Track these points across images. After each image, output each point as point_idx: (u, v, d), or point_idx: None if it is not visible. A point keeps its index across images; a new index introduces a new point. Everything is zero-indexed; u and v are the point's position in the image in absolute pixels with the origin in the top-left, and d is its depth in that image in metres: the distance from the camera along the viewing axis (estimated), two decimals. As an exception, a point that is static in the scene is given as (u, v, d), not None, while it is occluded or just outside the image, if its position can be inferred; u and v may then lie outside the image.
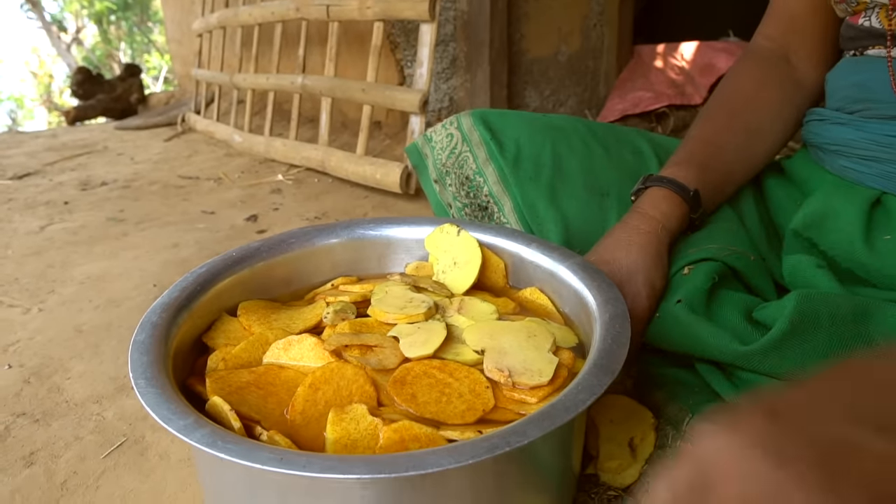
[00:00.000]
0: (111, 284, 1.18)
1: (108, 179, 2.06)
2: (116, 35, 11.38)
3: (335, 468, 0.39)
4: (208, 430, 0.43)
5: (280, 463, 0.40)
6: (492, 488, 0.45)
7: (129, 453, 0.71)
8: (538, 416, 0.43)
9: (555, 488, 0.51)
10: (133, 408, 0.79)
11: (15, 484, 0.67)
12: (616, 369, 0.48)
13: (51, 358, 0.93)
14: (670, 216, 0.68)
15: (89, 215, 1.66)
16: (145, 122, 3.13)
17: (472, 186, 0.81)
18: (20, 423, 0.78)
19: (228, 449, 0.41)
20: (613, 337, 0.52)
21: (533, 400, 0.51)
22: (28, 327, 1.02)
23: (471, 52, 1.95)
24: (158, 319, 0.57)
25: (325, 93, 1.91)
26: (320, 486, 0.42)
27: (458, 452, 0.40)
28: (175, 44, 3.96)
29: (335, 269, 0.73)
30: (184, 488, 0.66)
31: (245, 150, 2.32)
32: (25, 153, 2.58)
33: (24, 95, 11.64)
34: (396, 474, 0.39)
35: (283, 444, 0.46)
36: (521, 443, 0.41)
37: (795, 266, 0.63)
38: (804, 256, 0.63)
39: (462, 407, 0.50)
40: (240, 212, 1.62)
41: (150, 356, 0.52)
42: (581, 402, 0.44)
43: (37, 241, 1.47)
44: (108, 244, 1.42)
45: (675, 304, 0.62)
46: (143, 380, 0.49)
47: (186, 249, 1.35)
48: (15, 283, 1.21)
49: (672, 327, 0.62)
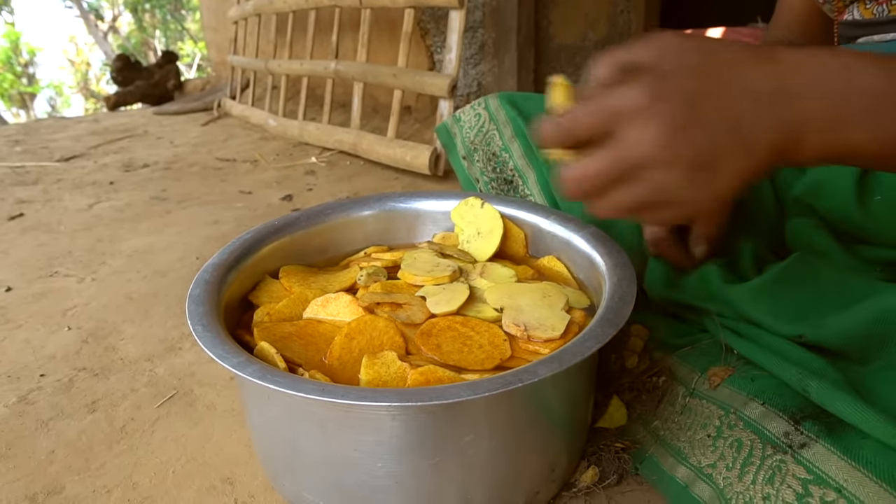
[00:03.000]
0: (157, 257, 1.26)
1: (149, 161, 2.15)
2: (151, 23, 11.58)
3: (368, 397, 0.45)
4: (259, 366, 0.49)
5: (322, 392, 0.46)
6: (506, 421, 0.51)
7: (180, 404, 0.78)
8: (548, 359, 0.48)
9: (565, 430, 0.57)
10: (181, 365, 0.87)
11: (81, 426, 0.75)
12: (620, 323, 0.53)
13: (105, 321, 1.00)
14: None
15: (133, 194, 1.74)
16: (182, 107, 3.22)
17: (499, 162, 0.87)
18: (81, 376, 0.85)
19: (277, 381, 0.47)
20: (620, 296, 0.57)
21: (545, 351, 0.56)
22: (83, 294, 1.10)
23: (499, 38, 1.99)
24: (210, 277, 0.63)
25: (358, 78, 1.97)
26: (355, 416, 0.48)
27: (476, 386, 0.45)
28: (210, 31, 4.05)
29: (368, 239, 0.79)
30: (229, 434, 0.72)
31: (279, 133, 2.39)
32: (70, 137, 2.69)
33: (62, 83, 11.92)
34: (422, 403, 0.44)
35: (323, 381, 0.52)
36: (532, 380, 0.46)
37: (796, 228, 0.68)
38: (804, 219, 0.67)
39: (482, 356, 0.56)
40: (275, 192, 1.69)
41: (204, 307, 0.58)
42: (587, 348, 0.50)
43: (86, 217, 1.56)
44: (152, 221, 1.50)
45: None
46: (199, 326, 0.55)
47: (226, 226, 1.43)
48: (69, 256, 1.30)
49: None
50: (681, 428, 0.60)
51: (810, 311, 0.57)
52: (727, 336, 0.64)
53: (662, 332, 0.73)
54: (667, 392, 0.67)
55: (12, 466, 0.69)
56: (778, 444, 0.49)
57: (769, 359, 0.56)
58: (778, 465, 0.48)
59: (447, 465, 0.50)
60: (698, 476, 0.54)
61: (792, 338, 0.56)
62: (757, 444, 0.51)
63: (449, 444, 0.49)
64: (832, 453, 0.45)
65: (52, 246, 1.36)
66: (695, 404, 0.61)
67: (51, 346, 0.93)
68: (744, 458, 0.51)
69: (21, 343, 0.95)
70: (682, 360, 0.68)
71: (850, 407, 0.46)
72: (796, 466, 0.47)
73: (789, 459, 0.48)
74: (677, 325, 0.73)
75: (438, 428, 0.49)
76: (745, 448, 0.52)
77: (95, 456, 0.70)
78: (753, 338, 0.62)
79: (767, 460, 0.49)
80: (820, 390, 0.49)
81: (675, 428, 0.61)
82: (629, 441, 0.65)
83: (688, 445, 0.58)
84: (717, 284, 0.63)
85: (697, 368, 0.64)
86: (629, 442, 0.65)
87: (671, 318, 0.75)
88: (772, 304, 0.59)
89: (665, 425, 0.62)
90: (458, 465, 0.50)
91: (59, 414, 0.77)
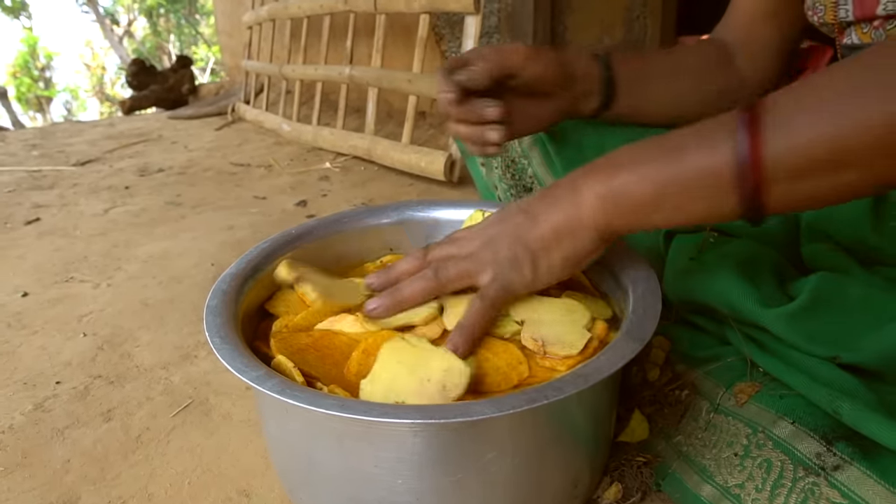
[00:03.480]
0: (172, 263, 1.26)
1: (164, 166, 2.15)
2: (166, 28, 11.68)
3: (390, 413, 0.44)
4: (278, 381, 0.48)
5: (341, 408, 0.45)
6: (529, 438, 0.50)
7: (196, 413, 0.78)
8: (573, 376, 0.47)
9: (588, 446, 0.56)
10: (197, 373, 0.86)
11: (96, 435, 0.74)
12: (646, 338, 0.52)
13: (121, 328, 1.00)
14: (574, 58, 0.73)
15: (149, 199, 1.75)
16: (197, 111, 3.24)
17: (518, 169, 0.86)
18: (97, 384, 0.85)
19: (296, 396, 0.46)
20: (644, 309, 0.56)
21: (562, 368, 0.55)
22: (99, 300, 1.10)
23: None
24: (228, 287, 0.63)
25: (372, 83, 1.97)
26: (375, 432, 0.48)
27: (501, 403, 0.44)
28: (225, 36, 4.07)
29: (385, 248, 0.78)
30: (245, 445, 0.72)
31: (294, 138, 2.39)
32: (86, 141, 2.70)
33: (78, 87, 12.03)
34: (445, 420, 0.43)
35: (343, 396, 0.51)
36: (557, 397, 0.45)
37: (815, 251, 0.66)
38: (820, 244, 0.66)
39: (498, 378, 0.55)
40: (290, 197, 1.69)
41: (222, 318, 0.57)
42: (612, 364, 0.49)
43: (102, 222, 1.56)
44: (167, 226, 1.50)
45: (690, 260, 0.67)
46: (217, 338, 0.54)
47: (241, 231, 1.42)
48: (85, 261, 1.30)
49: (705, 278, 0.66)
50: (705, 445, 0.59)
51: (843, 332, 0.55)
52: (751, 350, 0.63)
53: (684, 344, 0.71)
54: (690, 406, 0.65)
55: (28, 476, 0.69)
56: (810, 465, 0.48)
57: (796, 377, 0.55)
58: (811, 487, 0.47)
59: (469, 481, 0.49)
60: (724, 496, 0.53)
61: (826, 358, 0.55)
62: (787, 465, 0.50)
63: (471, 461, 0.48)
64: (868, 477, 0.44)
65: (68, 251, 1.36)
66: (720, 421, 0.60)
67: (66, 353, 0.93)
68: (774, 479, 0.50)
69: (37, 349, 0.95)
70: (706, 374, 0.66)
71: (886, 429, 0.44)
72: (830, 490, 0.45)
73: (822, 482, 0.46)
74: (699, 337, 0.72)
75: (461, 445, 0.48)
76: (774, 469, 0.50)
77: (111, 465, 0.69)
78: (779, 353, 0.60)
79: (799, 482, 0.48)
80: (853, 412, 0.47)
81: (700, 444, 0.59)
82: (651, 455, 0.64)
83: (713, 463, 0.56)
84: (751, 308, 0.61)
85: (722, 383, 0.63)
86: (651, 456, 0.64)
87: (692, 329, 0.73)
88: (808, 328, 0.57)
89: (688, 441, 0.61)
90: (479, 482, 0.49)
91: (75, 422, 0.77)
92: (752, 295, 0.61)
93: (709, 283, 0.66)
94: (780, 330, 0.59)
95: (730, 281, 0.64)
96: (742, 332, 0.64)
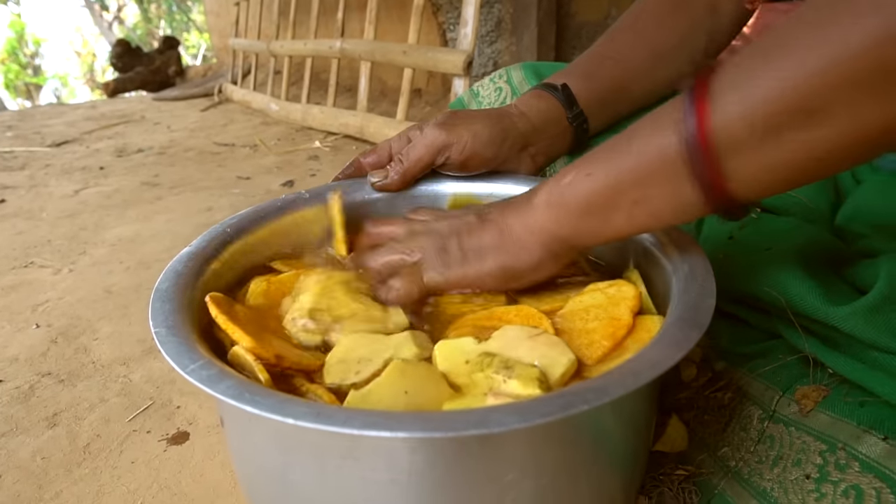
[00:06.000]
0: (142, 247, 1.15)
1: (143, 147, 2.04)
2: (157, 13, 11.50)
3: (379, 424, 0.33)
4: (234, 381, 0.37)
5: (315, 418, 0.33)
6: (558, 454, 0.39)
7: (156, 417, 0.67)
8: (620, 372, 0.36)
9: (627, 462, 0.45)
10: (161, 371, 0.75)
11: (37, 445, 0.63)
12: (704, 324, 0.41)
13: (79, 318, 0.89)
14: (533, 106, 0.65)
15: (124, 180, 1.63)
16: (182, 92, 3.12)
17: None
18: (45, 382, 0.74)
19: (256, 402, 0.35)
20: (698, 289, 0.45)
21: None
22: (58, 287, 0.99)
23: (517, 13, 1.86)
24: (183, 268, 0.52)
25: (365, 56, 1.85)
26: (363, 447, 0.37)
27: (526, 410, 0.33)
28: (213, 16, 3.94)
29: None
30: (211, 456, 0.61)
31: (282, 118, 2.28)
32: (65, 123, 2.58)
33: (68, 74, 11.85)
34: (454, 433, 0.32)
35: (328, 401, 0.40)
36: (601, 401, 0.34)
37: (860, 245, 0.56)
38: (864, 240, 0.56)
39: None
40: (276, 177, 1.58)
41: (172, 304, 0.47)
42: (668, 357, 0.38)
43: (71, 204, 1.45)
44: (141, 208, 1.39)
45: (728, 239, 0.57)
46: (163, 328, 0.43)
47: (220, 213, 1.32)
48: (47, 245, 1.18)
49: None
50: (762, 461, 0.48)
51: None
52: (812, 345, 0.51)
53: (725, 338, 0.60)
54: (736, 412, 0.54)
55: (-50, 494, 0.58)
56: None
57: (879, 379, 0.44)
58: None
59: (482, 511, 0.38)
60: (800, 531, 0.42)
61: None
62: (886, 494, 0.39)
63: (485, 485, 0.37)
64: None
65: (31, 234, 1.25)
66: (779, 432, 0.49)
67: (14, 347, 0.82)
68: None
69: (-19, 342, 0.84)
70: (754, 374, 0.55)
71: None
72: None
73: None
74: (744, 330, 0.60)
75: (472, 464, 0.37)
76: (868, 499, 0.40)
77: (50, 482, 0.58)
78: (852, 351, 0.49)
79: None
80: None
81: (754, 461, 0.48)
82: (692, 467, 0.53)
83: (778, 487, 0.45)
84: (817, 305, 0.49)
85: (776, 385, 0.52)
86: (692, 468, 0.53)
87: (734, 321, 0.62)
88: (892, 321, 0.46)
89: (738, 455, 0.50)
90: (495, 512, 0.38)
91: (13, 429, 0.66)
92: (814, 290, 0.50)
93: (758, 270, 0.55)
94: (855, 328, 0.47)
95: (785, 270, 0.52)
96: (798, 325, 0.52)
